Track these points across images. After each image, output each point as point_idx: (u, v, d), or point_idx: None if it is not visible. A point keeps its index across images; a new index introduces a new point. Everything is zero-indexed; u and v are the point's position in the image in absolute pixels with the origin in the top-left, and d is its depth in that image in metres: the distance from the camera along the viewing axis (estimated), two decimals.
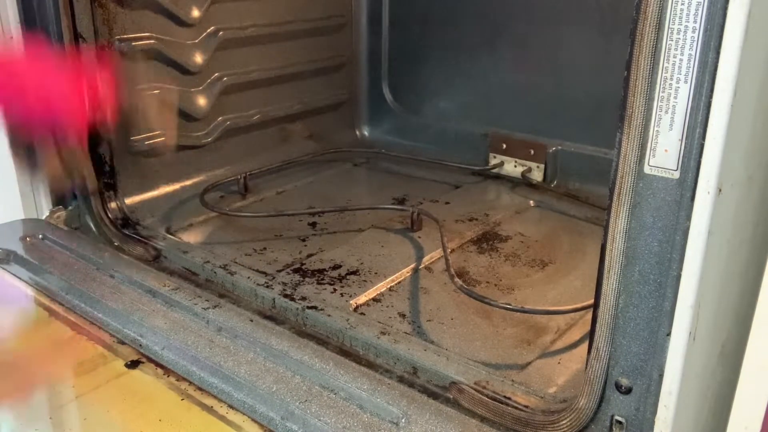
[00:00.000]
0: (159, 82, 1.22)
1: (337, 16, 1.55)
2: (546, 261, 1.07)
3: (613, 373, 0.62)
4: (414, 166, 1.45)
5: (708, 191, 0.52)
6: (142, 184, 1.23)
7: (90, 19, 1.08)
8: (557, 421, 0.66)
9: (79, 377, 0.80)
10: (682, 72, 0.52)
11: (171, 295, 0.93)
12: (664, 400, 0.58)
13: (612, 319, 0.60)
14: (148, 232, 1.13)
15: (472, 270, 1.04)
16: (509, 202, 1.29)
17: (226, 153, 1.37)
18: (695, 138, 0.52)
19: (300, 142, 1.53)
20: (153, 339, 0.84)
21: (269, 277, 0.99)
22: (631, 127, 0.55)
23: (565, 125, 1.33)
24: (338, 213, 1.24)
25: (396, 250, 1.08)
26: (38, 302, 0.96)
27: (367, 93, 1.63)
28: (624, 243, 0.57)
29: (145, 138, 1.21)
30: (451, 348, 0.83)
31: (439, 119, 1.53)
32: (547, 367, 0.80)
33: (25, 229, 1.13)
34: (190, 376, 0.78)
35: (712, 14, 0.49)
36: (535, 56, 1.37)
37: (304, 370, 0.77)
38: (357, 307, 0.93)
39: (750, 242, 0.59)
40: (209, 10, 1.29)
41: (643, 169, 0.55)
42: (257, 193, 1.34)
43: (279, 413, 0.71)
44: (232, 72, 1.35)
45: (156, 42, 1.20)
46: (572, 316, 0.90)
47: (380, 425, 0.69)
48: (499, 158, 1.41)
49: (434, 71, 1.52)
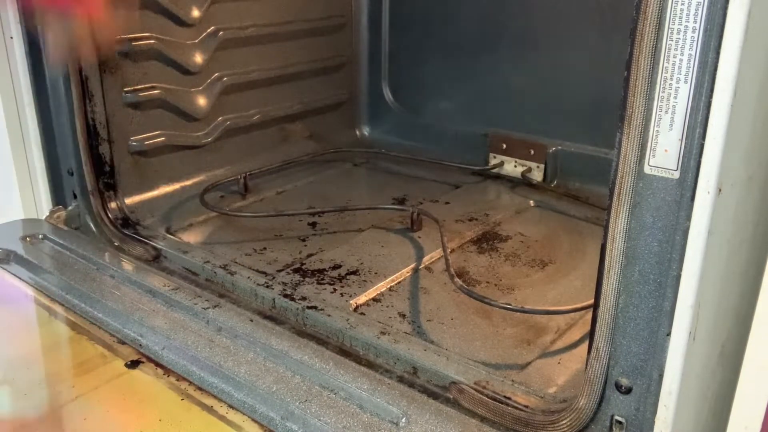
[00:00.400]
0: (160, 80, 1.22)
1: (337, 16, 1.55)
2: (546, 261, 1.07)
3: (613, 373, 0.62)
4: (414, 166, 1.45)
5: (708, 191, 0.52)
6: (142, 184, 1.23)
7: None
8: (557, 421, 0.66)
9: (78, 377, 0.80)
10: (682, 72, 0.52)
11: (171, 295, 0.93)
12: (664, 400, 0.58)
13: (612, 319, 0.60)
14: (148, 232, 1.13)
15: (472, 270, 1.04)
16: (509, 202, 1.29)
17: (226, 153, 1.37)
18: (695, 138, 0.52)
19: (300, 142, 1.53)
20: (153, 339, 0.84)
21: (269, 277, 0.99)
22: (631, 127, 0.55)
23: (565, 125, 1.33)
24: (338, 213, 1.24)
25: (396, 250, 1.08)
26: (38, 302, 0.96)
27: (367, 93, 1.63)
28: (624, 243, 0.57)
29: (145, 138, 1.21)
30: (451, 348, 0.83)
31: (439, 119, 1.53)
32: (547, 367, 0.80)
33: (25, 229, 1.13)
34: (190, 376, 0.78)
35: (712, 14, 0.49)
36: (535, 56, 1.37)
37: (304, 370, 0.77)
38: (357, 307, 0.93)
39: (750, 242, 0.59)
40: (209, 10, 1.29)
41: (643, 169, 0.55)
42: (257, 193, 1.34)
43: (279, 413, 0.71)
44: (232, 72, 1.35)
45: (156, 42, 1.20)
46: (572, 316, 0.90)
47: (380, 425, 0.69)
48: (499, 158, 1.41)
49: (434, 71, 1.52)
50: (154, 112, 1.23)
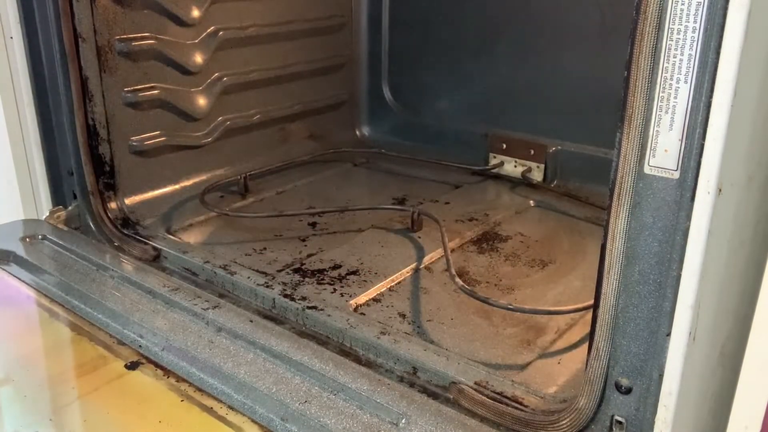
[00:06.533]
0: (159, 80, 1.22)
1: (337, 16, 1.55)
2: (546, 261, 1.07)
3: (613, 373, 0.62)
4: (414, 166, 1.45)
5: (708, 191, 0.52)
6: (142, 184, 1.23)
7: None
8: (557, 421, 0.66)
9: (79, 378, 0.80)
10: (682, 72, 0.52)
11: (171, 296, 0.93)
12: (664, 400, 0.58)
13: (612, 319, 0.60)
14: (148, 232, 1.13)
15: (472, 270, 1.04)
16: (509, 202, 1.29)
17: (226, 153, 1.37)
18: (695, 138, 0.52)
19: (300, 142, 1.53)
20: (153, 340, 0.84)
21: (269, 277, 0.99)
22: (631, 127, 0.55)
23: (565, 125, 1.33)
24: (338, 213, 1.24)
25: (396, 250, 1.08)
26: (38, 303, 0.96)
27: (367, 93, 1.63)
28: (624, 243, 0.57)
29: (145, 138, 1.21)
30: (451, 348, 0.83)
31: (439, 119, 1.53)
32: (547, 367, 0.80)
33: (25, 230, 1.13)
34: (189, 377, 0.78)
35: (712, 14, 0.49)
36: (535, 56, 1.37)
37: (304, 370, 0.77)
38: (357, 307, 0.93)
39: (750, 242, 0.59)
40: (209, 10, 1.29)
41: (643, 169, 0.55)
42: (257, 193, 1.34)
43: (279, 414, 0.71)
44: (232, 72, 1.35)
45: (156, 42, 1.20)
46: (572, 316, 0.90)
47: (380, 425, 0.69)
48: (499, 158, 1.41)
49: (434, 71, 1.52)
50: (154, 112, 1.23)
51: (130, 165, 1.20)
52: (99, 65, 1.12)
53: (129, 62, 1.17)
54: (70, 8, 1.05)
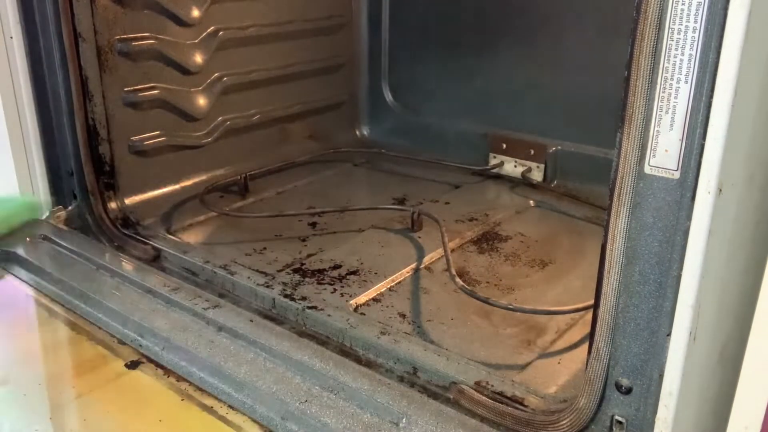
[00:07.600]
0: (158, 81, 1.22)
1: (337, 16, 1.55)
2: (546, 261, 1.07)
3: (613, 373, 0.62)
4: (414, 166, 1.45)
5: (708, 191, 0.52)
6: (142, 184, 1.23)
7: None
8: (557, 421, 0.66)
9: (79, 378, 0.80)
10: (682, 72, 0.52)
11: (171, 295, 0.93)
12: (665, 400, 0.58)
13: (612, 319, 0.60)
14: (148, 232, 1.13)
15: (472, 270, 1.04)
16: (509, 202, 1.29)
17: (226, 153, 1.37)
18: (696, 138, 0.52)
19: (300, 142, 1.53)
20: (153, 339, 0.84)
21: (269, 277, 0.99)
22: (631, 127, 0.54)
23: (565, 125, 1.33)
24: (338, 213, 1.24)
25: (396, 250, 1.08)
26: (38, 302, 0.96)
27: (367, 93, 1.63)
28: (624, 243, 0.57)
29: (145, 138, 1.21)
30: (451, 348, 0.83)
31: (439, 119, 1.53)
32: (547, 367, 0.80)
33: (25, 230, 1.13)
34: (190, 377, 0.78)
35: (712, 14, 0.49)
36: (535, 56, 1.37)
37: (304, 370, 0.77)
38: (357, 307, 0.93)
39: (750, 242, 0.59)
40: (209, 10, 1.29)
41: (644, 169, 0.55)
42: (257, 193, 1.34)
43: (279, 413, 0.71)
44: (232, 72, 1.35)
45: (156, 42, 1.20)
46: (572, 316, 0.90)
47: (380, 425, 0.69)
48: (499, 158, 1.41)
49: (434, 71, 1.52)
50: (154, 112, 1.23)
51: (130, 165, 1.20)
52: (99, 65, 1.12)
53: (129, 62, 1.17)
54: (70, 8, 1.05)
